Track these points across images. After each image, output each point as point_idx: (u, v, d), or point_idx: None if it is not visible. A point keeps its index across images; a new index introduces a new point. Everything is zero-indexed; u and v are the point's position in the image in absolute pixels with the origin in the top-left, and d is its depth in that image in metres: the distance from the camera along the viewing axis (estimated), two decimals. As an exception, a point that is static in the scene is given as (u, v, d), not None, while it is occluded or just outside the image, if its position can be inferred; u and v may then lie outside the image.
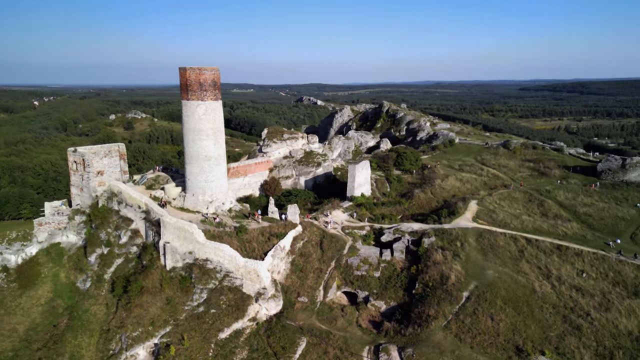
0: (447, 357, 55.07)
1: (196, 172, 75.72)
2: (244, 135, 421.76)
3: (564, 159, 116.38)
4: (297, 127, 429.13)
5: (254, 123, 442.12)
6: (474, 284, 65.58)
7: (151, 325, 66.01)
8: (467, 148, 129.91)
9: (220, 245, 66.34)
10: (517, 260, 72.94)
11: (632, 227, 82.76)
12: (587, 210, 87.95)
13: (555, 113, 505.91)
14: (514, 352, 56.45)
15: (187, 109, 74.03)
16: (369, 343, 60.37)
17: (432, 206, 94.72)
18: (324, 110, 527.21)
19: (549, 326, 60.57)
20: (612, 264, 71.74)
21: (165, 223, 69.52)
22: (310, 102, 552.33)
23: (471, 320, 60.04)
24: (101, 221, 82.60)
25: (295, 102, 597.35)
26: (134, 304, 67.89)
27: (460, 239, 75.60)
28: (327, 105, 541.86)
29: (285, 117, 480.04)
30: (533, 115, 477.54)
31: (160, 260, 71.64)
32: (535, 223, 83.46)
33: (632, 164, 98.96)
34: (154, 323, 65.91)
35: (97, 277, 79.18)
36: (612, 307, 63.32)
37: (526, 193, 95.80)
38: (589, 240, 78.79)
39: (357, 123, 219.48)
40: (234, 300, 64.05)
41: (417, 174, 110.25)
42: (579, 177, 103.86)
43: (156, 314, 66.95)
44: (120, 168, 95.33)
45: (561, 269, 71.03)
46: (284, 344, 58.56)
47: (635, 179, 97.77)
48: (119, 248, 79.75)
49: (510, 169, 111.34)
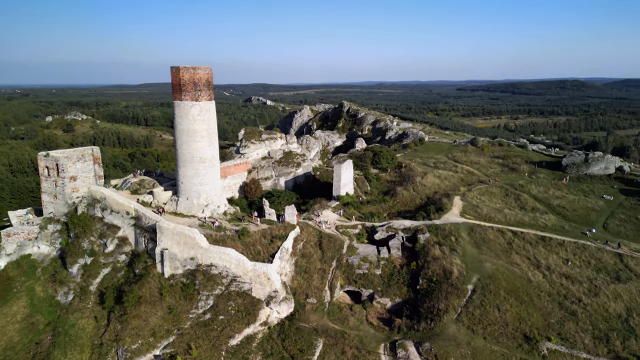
0: (463, 349, 56.84)
1: (190, 174, 73.08)
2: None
3: (528, 155, 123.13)
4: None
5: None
6: (476, 277, 68.02)
7: (152, 336, 63.09)
8: (437, 146, 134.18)
9: (226, 249, 64.51)
10: (508, 252, 76.41)
11: (602, 217, 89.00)
12: (560, 202, 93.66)
13: (493, 112, 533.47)
14: (523, 340, 59.23)
15: (180, 110, 71.29)
16: (384, 340, 61.07)
17: (416, 203, 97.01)
18: (274, 110, 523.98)
19: (548, 313, 64.02)
20: (592, 252, 76.82)
21: (162, 229, 66.59)
22: (260, 102, 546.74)
23: (480, 312, 62.30)
24: (82, 229, 77.74)
25: (243, 102, 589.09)
26: (131, 315, 64.54)
27: (454, 234, 78.08)
28: (276, 105, 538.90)
29: (235, 117, 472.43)
30: (474, 114, 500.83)
31: (157, 268, 68.52)
32: (517, 216, 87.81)
33: (594, 158, 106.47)
34: (155, 334, 63.04)
35: (80, 289, 74.51)
36: (600, 292, 67.88)
37: (502, 188, 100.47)
38: (568, 230, 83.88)
39: (318, 123, 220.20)
40: (244, 305, 62.52)
41: (395, 172, 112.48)
42: (545, 171, 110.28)
43: (157, 324, 64.07)
44: (94, 173, 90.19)
45: (548, 258, 75.17)
46: (300, 347, 57.95)
47: (597, 172, 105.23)
48: (105, 257, 75.44)
49: (482, 166, 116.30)
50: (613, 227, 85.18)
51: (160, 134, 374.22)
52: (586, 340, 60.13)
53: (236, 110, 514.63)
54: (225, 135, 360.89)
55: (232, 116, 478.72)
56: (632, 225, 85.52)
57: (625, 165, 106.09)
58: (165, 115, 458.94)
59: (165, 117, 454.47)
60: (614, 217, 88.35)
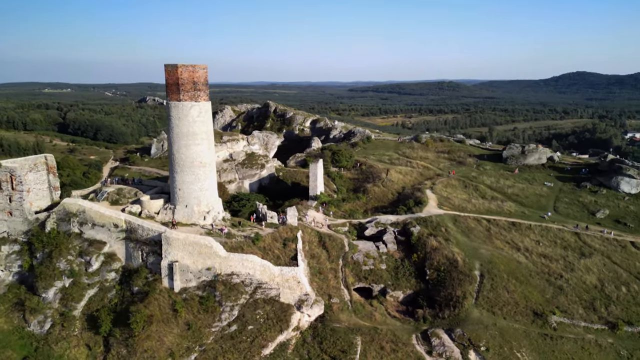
0: (491, 330, 61.06)
1: (189, 180, 68.02)
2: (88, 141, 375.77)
3: (468, 149, 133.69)
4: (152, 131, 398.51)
5: (98, 127, 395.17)
6: (478, 263, 72.98)
7: (170, 356, 58.43)
8: (384, 143, 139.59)
9: (248, 256, 61.52)
10: (490, 238, 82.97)
11: (550, 202, 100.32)
12: (513, 190, 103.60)
13: (389, 111, 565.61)
14: (534, 316, 65.26)
15: (178, 111, 66.08)
16: (413, 331, 63.10)
17: (388, 198, 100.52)
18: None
19: (542, 290, 71.13)
20: (555, 233, 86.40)
21: (171, 240, 61.45)
22: (156, 102, 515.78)
23: (493, 295, 67.19)
24: (55, 248, 68.54)
25: (137, 102, 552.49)
26: (141, 336, 58.95)
27: (442, 225, 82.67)
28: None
29: (133, 119, 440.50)
30: (372, 114, 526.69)
31: (163, 283, 63.09)
32: (484, 205, 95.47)
33: (530, 150, 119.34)
34: (174, 353, 58.42)
35: (61, 315, 66.09)
36: (575, 267, 76.87)
37: (460, 180, 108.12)
38: (529, 215, 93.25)
39: (242, 123, 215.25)
40: (273, 312, 60.26)
41: (356, 170, 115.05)
42: (490, 163, 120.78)
43: (174, 342, 59.31)
44: (49, 184, 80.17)
45: (524, 241, 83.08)
46: (341, 347, 57.57)
47: (533, 162, 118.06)
48: (90, 277, 67.55)
49: (432, 161, 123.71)
50: (562, 210, 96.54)
51: (50, 139, 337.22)
52: (580, 311, 68.01)
53: (132, 111, 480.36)
54: (125, 139, 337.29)
55: (129, 118, 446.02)
56: (576, 207, 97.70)
57: (555, 155, 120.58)
58: (48, 118, 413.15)
59: (49, 121, 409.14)
60: (560, 201, 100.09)
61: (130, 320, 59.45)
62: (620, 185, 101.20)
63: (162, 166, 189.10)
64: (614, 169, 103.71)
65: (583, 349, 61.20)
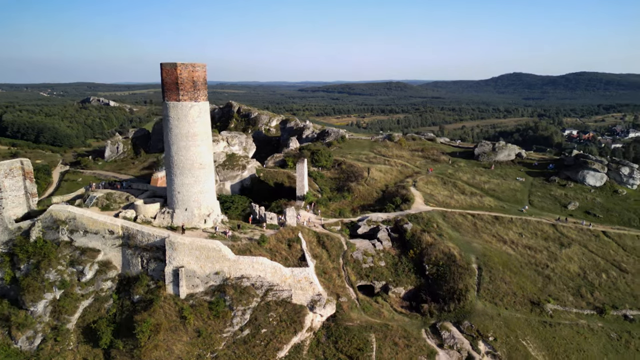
0: (497, 320, 63.35)
1: (189, 183, 65.72)
2: (30, 144, 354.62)
3: (440, 147, 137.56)
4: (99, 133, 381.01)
5: (40, 129, 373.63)
6: (474, 257, 75.38)
7: (181, 365, 56.28)
8: (358, 143, 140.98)
9: (258, 258, 60.33)
10: (478, 232, 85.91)
11: (525, 196, 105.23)
12: (489, 186, 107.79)
13: (343, 111, 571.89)
14: (532, 305, 68.26)
15: (177, 112, 63.67)
16: (421, 325, 64.33)
17: (373, 196, 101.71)
18: (120, 111, 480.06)
19: (534, 280, 74.48)
20: (535, 225, 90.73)
21: (176, 244, 59.22)
22: (101, 102, 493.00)
23: (493, 286, 69.67)
24: (43, 258, 64.25)
25: (80, 102, 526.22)
26: (148, 346, 56.59)
27: (433, 221, 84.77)
28: (122, 106, 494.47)
29: (77, 120, 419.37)
30: (326, 113, 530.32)
31: (167, 290, 60.72)
32: (466, 201, 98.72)
33: (500, 147, 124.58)
34: (185, 362, 56.37)
35: (53, 329, 62.23)
36: (558, 257, 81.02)
37: (438, 177, 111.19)
38: (508, 209, 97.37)
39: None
40: (286, 314, 59.48)
41: (336, 170, 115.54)
42: (464, 161, 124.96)
43: (184, 350, 57.39)
44: (25, 191, 75.15)
45: (508, 234, 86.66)
46: (357, 345, 57.68)
47: (503, 158, 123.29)
48: (84, 287, 63.88)
49: (408, 159, 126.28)
50: (537, 203, 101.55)
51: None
52: (570, 298, 71.80)
53: (75, 113, 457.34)
54: (71, 142, 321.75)
55: (73, 119, 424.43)
56: (549, 200, 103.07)
57: (523, 152, 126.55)
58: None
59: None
60: (533, 195, 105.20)
61: (135, 331, 56.84)
62: (586, 179, 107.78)
63: (118, 169, 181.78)
64: (580, 163, 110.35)
65: (579, 334, 64.67)
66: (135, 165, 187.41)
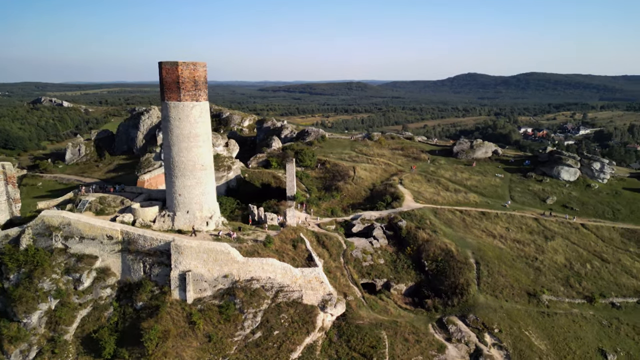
0: (499, 312, 65.18)
1: (191, 184, 63.89)
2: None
3: (419, 145, 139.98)
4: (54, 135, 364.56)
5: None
6: (470, 251, 77.21)
7: (191, 372, 54.84)
8: (338, 142, 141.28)
9: (268, 260, 59.46)
10: (468, 228, 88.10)
11: (506, 191, 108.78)
12: (471, 182, 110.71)
13: (307, 110, 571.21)
14: (529, 296, 70.65)
15: (178, 112, 61.78)
16: (427, 320, 65.28)
17: (362, 195, 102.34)
18: (75, 112, 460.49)
19: (526, 272, 77.13)
20: (519, 219, 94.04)
21: (182, 248, 57.55)
22: (54, 103, 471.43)
23: (492, 280, 71.62)
24: (36, 267, 60.98)
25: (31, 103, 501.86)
26: (157, 354, 54.73)
27: (426, 218, 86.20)
28: (77, 107, 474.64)
29: (29, 122, 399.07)
30: (290, 113, 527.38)
31: (173, 295, 58.92)
32: (452, 197, 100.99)
33: (477, 144, 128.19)
34: (196, 369, 54.97)
35: (49, 341, 59.27)
36: (544, 249, 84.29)
37: (422, 175, 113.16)
38: (492, 205, 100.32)
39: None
40: (298, 315, 58.98)
41: (320, 169, 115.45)
42: (442, 158, 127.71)
43: (195, 356, 55.95)
44: (7, 196, 71.46)
45: (496, 228, 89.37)
46: (370, 343, 57.91)
47: (481, 155, 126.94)
48: (81, 295, 61.12)
49: (389, 157, 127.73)
50: (518, 198, 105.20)
51: None
52: (561, 288, 74.81)
53: (26, 114, 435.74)
54: (24, 145, 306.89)
55: (24, 121, 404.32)
56: (529, 195, 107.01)
57: (499, 149, 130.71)
58: None
59: None
60: (513, 190, 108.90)
61: (143, 339, 54.77)
62: (561, 174, 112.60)
63: (81, 172, 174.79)
64: (554, 159, 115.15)
65: (574, 322, 67.49)
66: (100, 168, 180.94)
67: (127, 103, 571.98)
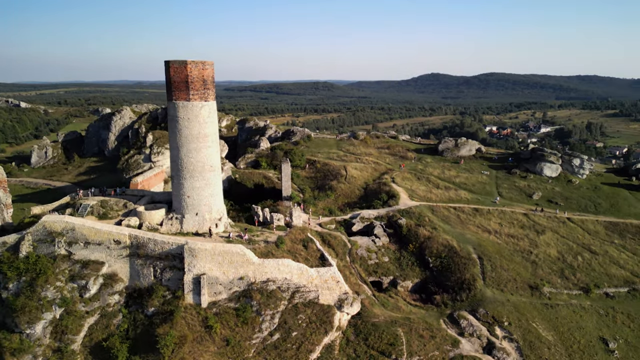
0: (507, 306, 66.85)
1: (200, 186, 62.32)
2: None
3: (404, 144, 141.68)
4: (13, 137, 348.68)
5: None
6: (471, 247, 78.75)
7: (210, 378, 53.70)
8: (324, 141, 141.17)
9: (284, 260, 58.77)
10: (464, 224, 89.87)
11: (493, 188, 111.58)
12: (460, 180, 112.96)
13: (277, 110, 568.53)
14: (531, 289, 72.72)
15: (187, 112, 60.15)
16: (438, 316, 66.21)
17: (356, 194, 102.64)
18: (34, 113, 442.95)
19: (525, 266, 79.39)
20: (510, 215, 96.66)
21: (196, 251, 56.17)
22: (10, 104, 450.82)
23: (496, 274, 73.31)
24: (38, 275, 58.14)
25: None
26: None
27: (424, 215, 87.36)
28: (36, 107, 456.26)
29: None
30: (260, 113, 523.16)
31: (187, 299, 57.42)
32: (444, 195, 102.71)
33: (461, 143, 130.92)
34: (214, 374, 53.87)
35: (55, 352, 56.69)
36: (537, 243, 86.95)
37: (411, 173, 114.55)
38: (482, 201, 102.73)
39: (147, 125, 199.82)
40: (315, 315, 58.58)
41: (311, 169, 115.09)
42: (429, 157, 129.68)
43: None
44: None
45: (490, 224, 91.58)
46: (388, 341, 58.22)
47: (465, 153, 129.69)
48: (87, 303, 58.61)
49: (377, 156, 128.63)
50: (506, 194, 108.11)
51: None
52: (558, 280, 77.39)
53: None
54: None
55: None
56: (516, 191, 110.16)
57: (482, 147, 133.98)
58: None
59: None
60: (500, 187, 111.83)
61: (159, 345, 53.17)
62: (544, 170, 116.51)
63: (49, 176, 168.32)
64: (537, 156, 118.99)
65: (575, 313, 69.97)
66: (69, 171, 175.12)
67: (88, 103, 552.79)
